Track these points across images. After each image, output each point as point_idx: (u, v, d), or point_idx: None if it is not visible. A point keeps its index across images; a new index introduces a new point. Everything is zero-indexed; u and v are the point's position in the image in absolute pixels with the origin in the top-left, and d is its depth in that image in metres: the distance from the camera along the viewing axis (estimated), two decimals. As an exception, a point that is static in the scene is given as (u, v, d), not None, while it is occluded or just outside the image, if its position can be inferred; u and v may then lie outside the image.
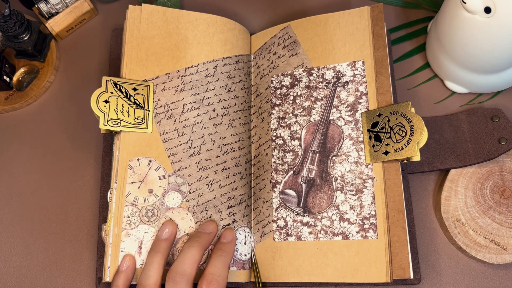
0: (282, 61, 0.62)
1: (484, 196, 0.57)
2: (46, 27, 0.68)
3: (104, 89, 0.55)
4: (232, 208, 0.57)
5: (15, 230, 0.61)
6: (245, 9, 0.71)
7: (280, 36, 0.64)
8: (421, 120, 0.53)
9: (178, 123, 0.57)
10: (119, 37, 0.65)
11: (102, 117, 0.54)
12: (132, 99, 0.56)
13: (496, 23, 0.51)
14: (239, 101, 0.61)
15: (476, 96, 0.63)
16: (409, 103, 0.54)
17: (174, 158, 0.56)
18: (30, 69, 0.67)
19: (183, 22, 0.61)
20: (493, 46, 0.54)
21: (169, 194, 0.55)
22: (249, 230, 0.57)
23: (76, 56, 0.69)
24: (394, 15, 0.68)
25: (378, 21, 0.59)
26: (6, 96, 0.66)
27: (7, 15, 0.62)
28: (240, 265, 0.55)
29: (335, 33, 0.61)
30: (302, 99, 0.60)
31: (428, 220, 0.59)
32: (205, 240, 0.52)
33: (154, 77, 0.58)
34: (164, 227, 0.53)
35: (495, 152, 0.57)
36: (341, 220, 0.54)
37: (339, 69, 0.59)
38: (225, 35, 0.62)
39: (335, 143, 0.57)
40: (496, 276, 0.56)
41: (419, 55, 0.66)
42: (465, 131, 0.59)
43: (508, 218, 0.56)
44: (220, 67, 0.61)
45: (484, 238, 0.56)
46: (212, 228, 0.54)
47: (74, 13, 0.69)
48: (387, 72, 0.57)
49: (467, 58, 0.57)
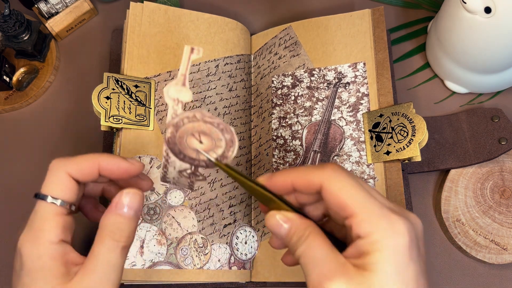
0: (283, 61, 0.62)
1: (484, 196, 0.57)
2: (46, 27, 0.68)
3: (105, 85, 0.55)
4: (234, 207, 0.57)
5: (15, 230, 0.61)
6: (245, 9, 0.71)
7: (281, 37, 0.64)
8: (422, 121, 0.53)
9: (180, 121, 0.57)
10: (119, 37, 0.65)
11: (104, 114, 0.54)
12: (133, 96, 0.56)
13: (496, 23, 0.51)
14: (240, 100, 0.61)
15: (476, 96, 0.63)
16: (411, 104, 0.54)
17: (176, 157, 0.56)
18: (30, 69, 0.67)
19: (185, 21, 0.61)
20: (493, 46, 0.54)
21: (171, 192, 0.55)
22: (251, 229, 0.57)
23: (76, 56, 0.69)
24: (394, 15, 0.68)
25: (379, 24, 0.60)
26: (6, 96, 0.66)
27: (7, 15, 0.62)
28: (240, 265, 0.55)
29: (336, 35, 0.61)
30: (304, 99, 0.60)
31: (428, 220, 0.59)
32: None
33: (156, 74, 0.58)
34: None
35: (495, 152, 0.57)
36: (343, 220, 0.54)
37: (340, 70, 0.60)
38: (227, 34, 0.62)
39: (337, 143, 0.57)
40: (496, 276, 0.56)
41: (419, 55, 0.66)
42: (465, 131, 0.59)
43: (508, 218, 0.56)
44: (221, 66, 0.61)
45: (484, 238, 0.56)
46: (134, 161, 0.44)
47: (74, 13, 0.69)
48: (388, 73, 0.58)
49: (467, 58, 0.57)
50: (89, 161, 0.40)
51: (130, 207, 0.39)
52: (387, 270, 0.33)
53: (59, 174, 0.39)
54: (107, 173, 0.41)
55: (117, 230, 0.38)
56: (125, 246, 0.39)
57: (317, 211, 0.41)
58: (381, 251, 0.33)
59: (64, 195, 0.39)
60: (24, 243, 0.38)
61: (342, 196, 0.35)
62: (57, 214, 0.38)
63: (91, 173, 0.40)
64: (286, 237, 0.38)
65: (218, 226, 0.55)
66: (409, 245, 0.34)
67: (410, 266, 0.34)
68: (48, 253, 0.38)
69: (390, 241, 0.33)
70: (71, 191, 0.39)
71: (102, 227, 0.39)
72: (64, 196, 0.39)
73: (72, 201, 0.39)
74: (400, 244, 0.34)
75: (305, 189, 0.38)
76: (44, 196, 0.38)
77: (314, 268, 0.35)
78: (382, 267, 0.33)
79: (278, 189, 0.40)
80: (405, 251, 0.33)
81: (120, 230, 0.38)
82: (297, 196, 0.40)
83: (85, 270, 0.37)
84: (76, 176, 0.40)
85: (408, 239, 0.34)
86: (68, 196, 0.39)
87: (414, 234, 0.35)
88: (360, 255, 0.34)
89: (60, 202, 0.38)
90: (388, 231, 0.34)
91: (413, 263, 0.34)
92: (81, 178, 0.40)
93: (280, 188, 0.39)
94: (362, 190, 0.35)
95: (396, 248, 0.33)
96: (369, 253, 0.33)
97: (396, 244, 0.33)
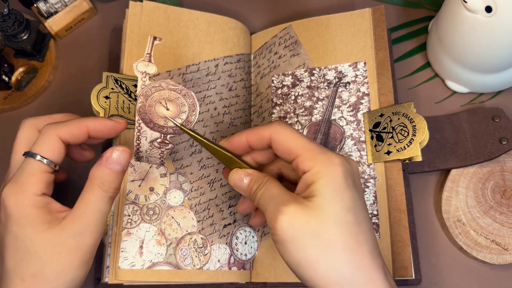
0: (283, 61, 0.62)
1: (485, 196, 0.57)
2: (45, 26, 0.67)
3: (105, 85, 0.55)
4: (233, 207, 0.56)
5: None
6: (245, 8, 0.71)
7: (281, 36, 0.63)
8: (423, 120, 0.53)
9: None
10: (119, 37, 0.64)
11: (103, 113, 0.53)
12: (133, 96, 0.55)
13: (497, 22, 0.51)
14: (240, 100, 0.61)
15: (477, 96, 0.63)
16: (411, 103, 0.54)
17: (176, 156, 0.56)
18: (29, 68, 0.67)
19: (184, 21, 0.61)
20: (494, 46, 0.54)
21: (170, 192, 0.55)
22: (251, 229, 0.57)
23: (75, 55, 0.69)
24: (394, 14, 0.68)
25: (380, 23, 0.60)
26: (5, 96, 0.66)
27: (6, 14, 0.61)
28: (240, 265, 0.55)
29: (336, 34, 0.61)
30: (304, 99, 0.60)
31: (429, 221, 0.59)
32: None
33: (155, 74, 0.58)
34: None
35: (496, 152, 0.57)
36: (343, 220, 0.54)
37: (341, 69, 0.59)
38: (226, 34, 0.62)
39: (337, 143, 0.57)
40: (497, 276, 0.56)
41: (419, 55, 0.66)
42: (466, 131, 0.59)
43: (509, 218, 0.56)
44: (221, 66, 0.61)
45: (485, 238, 0.56)
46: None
47: (73, 12, 0.68)
48: (389, 73, 0.58)
49: (468, 57, 0.57)
50: (78, 125, 0.45)
51: (119, 162, 0.44)
52: (327, 192, 0.40)
53: (50, 137, 0.44)
54: (96, 134, 0.47)
55: (106, 181, 0.43)
56: (112, 196, 0.44)
57: (271, 171, 0.49)
58: (323, 178, 0.40)
59: (51, 155, 0.44)
60: (10, 195, 0.42)
61: (288, 142, 0.43)
62: (42, 171, 0.43)
63: (80, 136, 0.46)
64: (248, 188, 0.45)
65: (218, 226, 0.55)
66: (344, 174, 0.41)
67: (346, 190, 0.40)
68: (33, 203, 0.42)
69: (328, 170, 0.41)
70: (59, 153, 0.44)
71: (92, 178, 0.44)
72: (52, 156, 0.44)
73: (58, 162, 0.45)
74: (337, 173, 0.41)
75: (258, 143, 0.46)
76: (34, 154, 0.43)
77: (271, 201, 0.42)
78: (324, 191, 0.40)
79: (236, 148, 0.47)
80: (341, 178, 0.40)
81: (109, 182, 0.44)
82: (253, 156, 0.48)
83: (74, 215, 0.43)
84: (67, 139, 0.45)
85: (343, 169, 0.41)
86: (55, 157, 0.44)
87: (349, 167, 0.42)
88: (307, 187, 0.41)
89: (47, 161, 0.43)
90: (327, 163, 0.41)
91: (349, 188, 0.41)
92: (72, 141, 0.45)
93: (238, 147, 0.47)
94: (303, 137, 0.43)
95: (334, 175, 0.40)
96: (313, 182, 0.41)
97: (333, 172, 0.41)
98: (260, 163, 0.49)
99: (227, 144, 0.47)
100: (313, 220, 0.39)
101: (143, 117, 0.44)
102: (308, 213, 0.40)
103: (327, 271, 0.39)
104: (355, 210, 0.40)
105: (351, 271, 0.39)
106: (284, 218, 0.40)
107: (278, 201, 0.41)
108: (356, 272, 0.39)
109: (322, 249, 0.39)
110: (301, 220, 0.39)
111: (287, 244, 0.40)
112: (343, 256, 0.39)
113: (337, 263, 0.39)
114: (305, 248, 0.39)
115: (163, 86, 0.45)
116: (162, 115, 0.45)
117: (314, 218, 0.39)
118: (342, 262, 0.39)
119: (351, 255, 0.39)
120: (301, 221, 0.39)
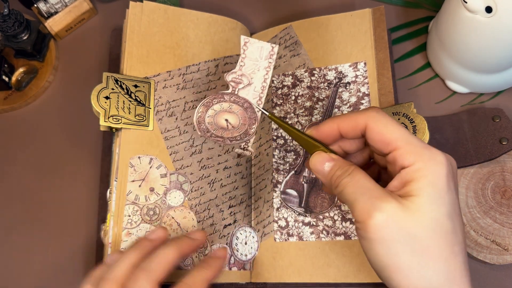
0: (284, 61, 0.62)
1: (485, 196, 0.57)
2: (45, 26, 0.67)
3: (105, 85, 0.55)
4: (234, 207, 0.56)
5: (14, 230, 0.61)
6: (246, 8, 0.71)
7: (282, 37, 0.63)
8: (423, 121, 0.53)
9: (179, 121, 0.57)
10: (119, 37, 0.64)
11: (103, 114, 0.53)
12: (133, 96, 0.56)
13: (497, 23, 0.51)
14: (241, 100, 0.61)
15: (477, 96, 0.63)
16: (412, 103, 0.54)
17: (176, 156, 0.56)
18: (29, 69, 0.67)
19: (184, 21, 0.61)
20: (494, 46, 0.54)
21: (171, 192, 0.55)
22: (251, 229, 0.57)
23: (75, 56, 0.69)
24: (394, 15, 0.68)
25: (380, 23, 0.60)
26: (5, 96, 0.66)
27: (6, 14, 0.62)
28: (240, 265, 0.55)
29: (336, 35, 0.61)
30: (304, 99, 0.60)
31: (429, 221, 0.59)
32: (185, 244, 0.49)
33: (155, 74, 0.58)
34: (156, 229, 0.51)
35: (496, 152, 0.57)
36: (343, 220, 0.54)
37: (341, 70, 0.59)
38: (227, 34, 0.62)
39: (337, 142, 0.57)
40: (497, 276, 0.56)
41: (420, 55, 0.66)
42: (466, 131, 0.59)
43: (509, 218, 0.56)
44: (221, 66, 0.61)
45: (485, 238, 0.56)
46: (198, 236, 0.51)
47: (74, 12, 0.68)
48: (389, 73, 0.58)
49: (468, 57, 0.57)
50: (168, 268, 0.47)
51: None
52: (431, 193, 0.36)
53: None
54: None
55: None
56: None
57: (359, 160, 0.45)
58: (426, 177, 0.36)
59: None
60: None
61: (386, 132, 0.39)
62: None
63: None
64: (330, 172, 0.41)
65: (218, 226, 0.55)
66: (447, 174, 0.37)
67: (448, 193, 0.37)
68: None
69: (432, 168, 0.37)
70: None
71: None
72: None
73: None
74: (441, 172, 0.37)
75: (351, 131, 0.41)
76: None
77: (363, 194, 0.38)
78: (426, 191, 0.36)
79: (327, 138, 0.43)
80: (444, 180, 0.37)
81: None
82: (341, 145, 0.44)
83: None
84: None
85: (447, 169, 0.37)
86: None
87: (451, 167, 0.38)
88: (404, 184, 0.37)
89: None
90: (431, 160, 0.37)
91: (451, 191, 0.37)
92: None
93: (329, 136, 0.43)
94: (403, 129, 0.39)
95: (438, 175, 0.37)
96: (413, 180, 0.37)
97: (437, 171, 0.37)
98: (348, 153, 0.45)
99: (316, 134, 0.43)
100: (412, 223, 0.36)
101: (200, 127, 0.42)
102: (408, 214, 0.36)
103: (419, 279, 0.36)
104: (453, 217, 0.37)
105: (442, 282, 0.37)
106: (381, 216, 0.36)
107: (374, 194, 0.37)
108: (446, 284, 0.37)
109: (417, 255, 0.36)
110: (399, 222, 0.36)
111: (376, 244, 0.37)
112: (437, 265, 0.36)
113: (430, 272, 0.36)
114: (398, 252, 0.36)
115: (226, 98, 0.43)
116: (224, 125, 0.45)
117: (413, 221, 0.36)
118: (435, 271, 0.36)
119: (445, 266, 0.37)
120: (399, 223, 0.36)
